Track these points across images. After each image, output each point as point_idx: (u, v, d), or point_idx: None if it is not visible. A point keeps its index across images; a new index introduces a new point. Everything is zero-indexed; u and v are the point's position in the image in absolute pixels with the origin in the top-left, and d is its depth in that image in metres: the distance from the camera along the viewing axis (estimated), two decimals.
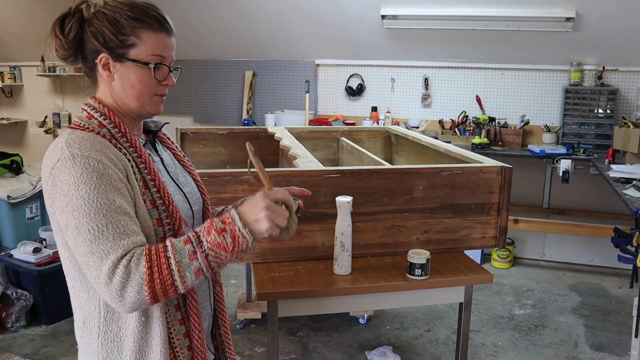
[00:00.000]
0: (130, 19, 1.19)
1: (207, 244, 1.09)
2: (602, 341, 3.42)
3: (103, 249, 1.06)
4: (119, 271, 1.05)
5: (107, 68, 1.20)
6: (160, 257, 1.07)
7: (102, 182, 1.10)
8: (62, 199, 1.10)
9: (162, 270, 1.07)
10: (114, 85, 1.22)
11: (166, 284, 1.07)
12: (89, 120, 1.21)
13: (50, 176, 1.12)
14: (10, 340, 3.33)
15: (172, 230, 1.21)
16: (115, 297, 1.06)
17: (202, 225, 1.13)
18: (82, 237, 1.08)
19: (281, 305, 1.92)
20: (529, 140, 4.67)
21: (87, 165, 1.10)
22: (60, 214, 1.11)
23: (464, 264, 2.13)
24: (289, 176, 2.06)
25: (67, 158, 1.10)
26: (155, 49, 1.21)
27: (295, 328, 3.51)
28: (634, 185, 3.20)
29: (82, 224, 1.08)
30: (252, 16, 4.79)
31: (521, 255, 4.89)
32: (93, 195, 1.08)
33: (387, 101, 5.04)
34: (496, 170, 2.22)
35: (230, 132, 3.31)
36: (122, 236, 1.08)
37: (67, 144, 1.12)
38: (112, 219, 1.09)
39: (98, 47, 1.19)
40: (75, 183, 1.09)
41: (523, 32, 4.27)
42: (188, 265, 1.08)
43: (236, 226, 1.11)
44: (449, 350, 3.28)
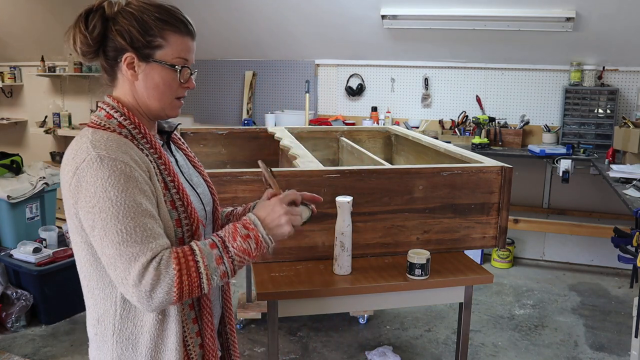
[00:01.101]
0: (158, 21, 1.20)
1: (233, 250, 1.15)
2: (602, 341, 3.42)
3: (132, 251, 1.08)
4: (149, 273, 1.08)
5: (131, 67, 1.20)
6: (189, 260, 1.11)
7: (129, 185, 1.11)
8: (87, 200, 1.10)
9: (191, 273, 1.10)
10: (137, 85, 1.22)
11: (194, 285, 1.11)
12: (108, 119, 1.21)
13: (75, 176, 1.12)
14: (10, 340, 3.33)
15: (190, 231, 1.22)
16: (143, 298, 1.08)
17: (224, 229, 1.18)
18: (110, 239, 1.09)
19: (281, 305, 1.92)
20: (529, 140, 4.67)
21: (114, 167, 1.10)
22: (85, 214, 1.11)
23: (464, 264, 2.13)
24: (289, 176, 2.06)
25: (93, 159, 1.11)
26: (181, 52, 1.24)
27: (295, 328, 3.51)
28: (634, 185, 3.20)
29: (110, 226, 1.09)
30: (252, 16, 4.79)
31: (521, 255, 4.89)
32: (121, 197, 1.09)
33: (387, 101, 5.04)
34: (496, 170, 2.22)
35: (230, 132, 3.31)
36: (149, 239, 1.10)
37: (93, 145, 1.13)
38: (140, 222, 1.10)
39: (124, 46, 1.19)
40: (102, 185, 1.09)
41: (523, 32, 4.27)
42: (215, 269, 1.13)
43: (259, 232, 1.17)
44: (449, 350, 3.28)
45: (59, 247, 3.70)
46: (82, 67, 5.55)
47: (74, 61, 5.54)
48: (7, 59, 6.24)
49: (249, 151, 3.34)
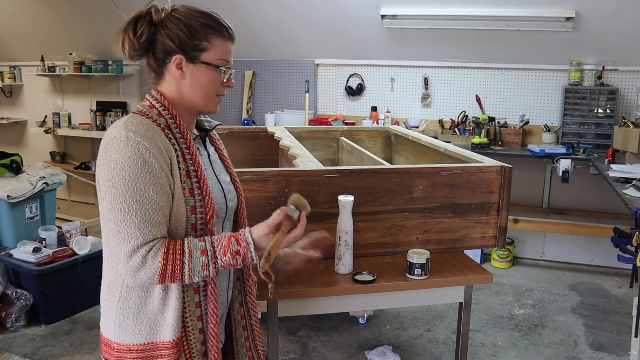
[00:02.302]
0: (204, 26, 1.33)
1: (220, 262, 1.28)
2: (602, 341, 3.42)
3: (127, 231, 1.22)
4: (137, 258, 1.22)
5: (180, 68, 1.33)
6: (177, 258, 1.24)
7: (144, 170, 1.23)
8: (107, 173, 1.24)
9: (175, 269, 1.24)
10: (184, 84, 1.35)
11: (176, 279, 1.25)
12: (150, 109, 1.34)
13: (104, 149, 1.26)
14: (10, 340, 3.33)
15: (204, 219, 1.33)
16: (129, 275, 1.24)
17: (220, 239, 1.29)
18: (114, 214, 1.23)
19: (281, 305, 1.93)
20: (529, 140, 4.67)
21: (136, 149, 1.23)
22: (103, 185, 1.25)
23: (464, 264, 2.13)
24: (289, 176, 2.06)
25: (122, 138, 1.24)
26: (223, 55, 1.36)
27: (295, 328, 3.51)
28: (634, 185, 3.20)
29: (117, 203, 1.22)
30: (252, 16, 4.79)
31: (521, 255, 4.89)
32: (134, 180, 1.22)
33: (387, 101, 5.04)
34: (496, 170, 2.22)
35: (230, 132, 3.31)
36: (147, 224, 1.23)
37: (126, 126, 1.26)
38: (142, 207, 1.23)
39: (173, 49, 1.32)
40: (122, 163, 1.22)
41: (523, 32, 4.27)
42: (200, 272, 1.27)
43: (250, 253, 1.29)
44: (449, 350, 3.28)
45: (59, 247, 3.70)
46: (82, 67, 5.55)
47: (74, 61, 5.54)
48: (7, 59, 6.24)
49: (249, 151, 3.34)
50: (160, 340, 1.30)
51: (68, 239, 3.74)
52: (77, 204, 6.10)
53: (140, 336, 1.31)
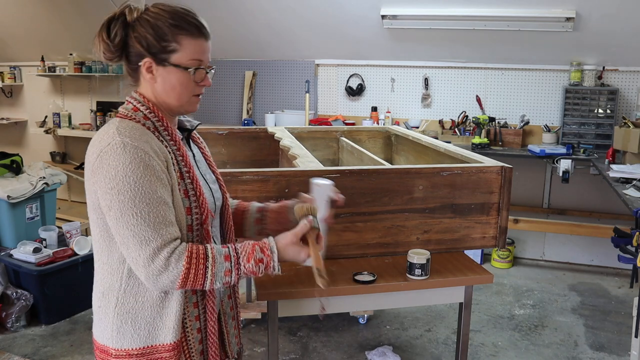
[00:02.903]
0: (171, 27, 1.29)
1: (243, 269, 1.28)
2: (602, 341, 3.42)
3: (144, 235, 1.20)
4: (159, 260, 1.20)
5: (150, 71, 1.30)
6: (200, 263, 1.23)
7: (147, 173, 1.21)
8: (107, 181, 1.20)
9: (198, 275, 1.23)
10: (156, 87, 1.32)
11: (197, 284, 1.24)
12: (135, 112, 1.31)
13: (98, 157, 1.22)
14: (10, 340, 3.33)
15: (199, 220, 1.32)
16: (150, 279, 1.22)
17: (243, 246, 1.30)
18: (125, 221, 1.20)
19: (281, 305, 1.92)
20: (529, 140, 4.67)
21: (135, 154, 1.21)
22: (103, 194, 1.22)
23: (464, 264, 2.13)
24: (289, 176, 2.06)
25: (117, 144, 1.21)
26: (194, 54, 1.31)
27: (295, 328, 3.51)
28: (634, 185, 3.20)
29: (127, 208, 1.20)
30: (252, 16, 4.79)
31: (521, 255, 4.89)
32: (139, 183, 1.20)
33: (387, 101, 5.04)
34: (496, 170, 2.22)
35: (230, 132, 3.31)
36: (161, 225, 1.21)
37: (119, 132, 1.23)
38: (154, 208, 1.21)
39: (142, 52, 1.29)
40: (123, 170, 1.20)
41: (523, 32, 4.27)
42: (222, 278, 1.26)
43: (273, 261, 1.30)
44: (449, 350, 3.28)
45: (59, 247, 3.70)
46: (82, 67, 5.55)
47: (74, 61, 5.54)
48: (7, 59, 6.24)
49: (249, 151, 3.34)
50: (160, 343, 1.29)
51: (68, 239, 3.74)
52: (77, 204, 6.09)
53: (139, 340, 1.29)
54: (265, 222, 1.58)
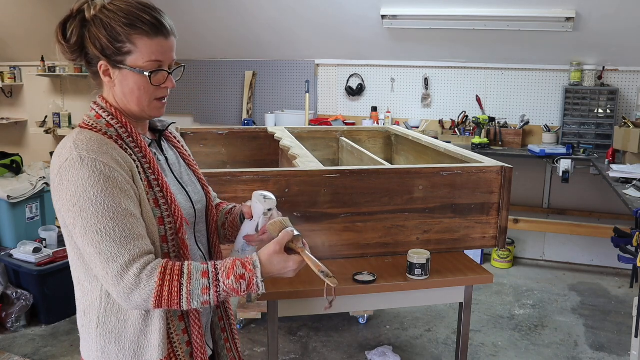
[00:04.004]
0: (125, 26, 1.18)
1: (222, 286, 1.16)
2: (602, 341, 3.42)
3: (110, 251, 1.12)
4: (129, 277, 1.12)
5: (107, 74, 1.22)
6: (174, 279, 1.14)
7: (108, 185, 1.13)
8: (68, 198, 1.14)
9: (172, 292, 1.13)
10: (116, 91, 1.24)
11: (173, 302, 1.14)
12: (97, 119, 1.24)
13: (58, 175, 1.15)
14: (10, 340, 3.33)
15: (174, 229, 1.24)
16: (122, 297, 1.14)
17: (224, 262, 1.18)
18: (90, 238, 1.13)
19: (281, 305, 1.93)
20: (529, 140, 4.67)
21: (94, 167, 1.13)
22: (66, 212, 1.15)
23: (464, 264, 2.13)
24: (289, 176, 2.06)
25: (75, 159, 1.14)
26: (152, 55, 1.20)
27: (295, 328, 3.51)
28: (634, 185, 3.20)
29: (90, 225, 1.12)
30: (252, 16, 4.78)
31: (521, 255, 4.89)
32: (100, 197, 1.13)
33: (387, 101, 5.04)
34: (496, 170, 2.22)
35: (230, 132, 3.31)
36: (128, 239, 1.13)
37: (75, 145, 1.16)
38: (119, 222, 1.13)
39: (97, 54, 1.21)
40: (82, 185, 1.12)
41: (523, 32, 4.27)
42: (199, 296, 1.15)
43: (255, 277, 1.17)
44: (449, 350, 3.28)
45: (59, 247, 3.70)
46: (82, 67, 5.55)
47: None
48: (7, 59, 6.24)
49: (249, 151, 3.34)
50: None
51: None
52: None
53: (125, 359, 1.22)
54: (225, 227, 1.47)
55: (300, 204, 2.07)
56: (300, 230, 1.28)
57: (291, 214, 2.07)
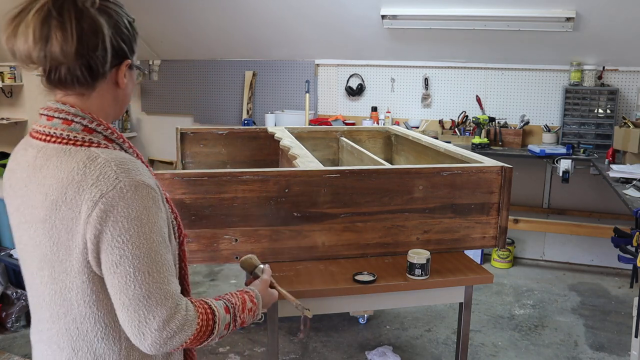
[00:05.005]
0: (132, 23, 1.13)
1: (239, 320, 1.18)
2: (602, 341, 3.42)
3: (160, 294, 1.01)
4: (177, 322, 1.03)
5: (122, 76, 1.11)
6: (210, 320, 1.09)
7: (158, 218, 1.03)
8: (119, 233, 0.99)
9: (206, 333, 1.09)
10: (118, 94, 1.13)
11: (199, 342, 1.10)
12: (90, 134, 1.06)
13: (99, 205, 0.98)
14: (10, 340, 3.33)
15: (178, 244, 1.18)
16: (159, 343, 1.02)
17: (235, 296, 1.20)
18: (139, 279, 1.00)
19: (281, 305, 1.93)
20: (529, 140, 4.67)
21: (147, 196, 1.02)
22: (111, 249, 0.99)
23: (464, 264, 2.13)
24: (289, 176, 2.06)
25: (127, 187, 0.99)
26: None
27: (295, 328, 3.51)
28: (634, 185, 3.20)
29: (142, 265, 1.00)
30: (252, 16, 4.78)
31: (521, 255, 4.89)
32: (153, 233, 1.02)
33: (387, 101, 5.04)
34: (496, 170, 2.22)
35: (230, 132, 3.31)
36: (171, 279, 1.04)
37: (121, 169, 1.01)
38: (166, 260, 1.04)
39: (125, 51, 1.11)
40: (138, 218, 1.00)
41: (523, 32, 4.27)
42: (221, 332, 1.13)
43: (259, 309, 1.25)
44: (449, 350, 3.28)
45: None
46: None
47: None
48: (7, 59, 6.23)
49: (249, 151, 3.34)
50: None
51: None
52: None
53: None
54: None
55: (300, 204, 2.07)
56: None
57: (291, 213, 2.07)
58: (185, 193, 1.98)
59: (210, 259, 2.06)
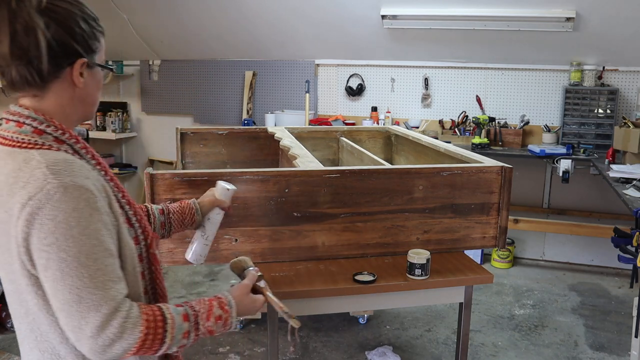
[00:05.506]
0: (95, 21, 1.12)
1: (202, 329, 1.13)
2: (602, 341, 3.42)
3: (92, 299, 0.98)
4: (112, 329, 0.99)
5: (79, 75, 1.09)
6: (158, 327, 1.05)
7: (93, 219, 1.00)
8: (45, 236, 0.97)
9: (155, 341, 1.05)
10: (77, 93, 1.10)
11: (151, 351, 1.06)
12: (40, 135, 1.04)
13: (26, 208, 0.97)
14: (10, 340, 3.33)
15: (145, 246, 1.16)
16: (96, 352, 1.00)
17: (200, 303, 1.15)
18: (67, 283, 0.97)
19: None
20: (529, 140, 4.67)
21: (79, 198, 0.98)
22: (38, 252, 0.98)
23: (464, 264, 2.13)
24: (289, 176, 2.06)
25: (55, 189, 0.97)
26: (104, 54, 1.18)
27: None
28: (634, 185, 3.20)
29: (71, 269, 0.97)
30: (252, 16, 4.78)
31: (521, 255, 4.89)
32: (84, 236, 0.98)
33: (387, 101, 5.04)
34: (496, 170, 2.22)
35: (230, 132, 3.31)
36: (110, 284, 1.00)
37: (51, 170, 0.99)
38: (102, 264, 1.00)
39: (78, 51, 1.09)
40: (65, 221, 0.97)
41: (523, 32, 4.27)
42: (179, 341, 1.09)
43: (231, 317, 1.18)
44: (449, 350, 3.28)
45: None
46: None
47: None
48: None
49: (249, 151, 3.34)
50: None
51: None
52: None
53: None
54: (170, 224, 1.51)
55: (300, 204, 2.07)
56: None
57: (291, 213, 2.07)
58: (185, 193, 1.98)
59: (210, 259, 2.06)
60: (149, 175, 1.95)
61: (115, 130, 5.55)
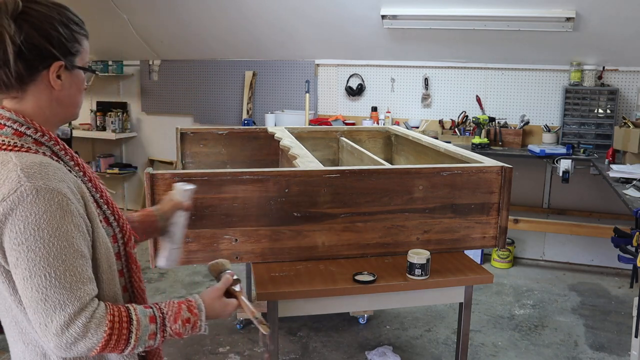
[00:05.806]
0: (77, 24, 1.14)
1: (169, 330, 1.14)
2: (602, 341, 3.42)
3: (58, 298, 1.02)
4: (76, 327, 1.02)
5: (57, 77, 1.11)
6: (123, 327, 1.07)
7: (64, 222, 1.03)
8: (15, 236, 1.01)
9: (120, 341, 1.07)
10: (57, 95, 1.12)
11: (117, 350, 1.08)
12: (20, 137, 1.08)
13: (3, 211, 1.01)
14: None
15: (124, 244, 1.19)
16: (61, 348, 1.04)
17: (168, 305, 1.17)
18: (35, 282, 1.01)
19: (281, 305, 1.92)
20: (529, 140, 4.67)
21: (51, 201, 1.01)
22: (9, 251, 1.02)
23: (464, 264, 2.13)
24: (289, 176, 2.06)
25: (28, 191, 1.01)
26: (87, 56, 1.19)
27: (295, 328, 3.51)
28: (634, 185, 3.20)
29: (38, 268, 1.01)
30: (252, 16, 4.78)
31: (521, 255, 4.89)
32: (54, 237, 1.02)
33: (387, 101, 5.04)
34: (496, 170, 2.22)
35: (230, 132, 3.31)
36: (78, 285, 1.03)
37: (25, 173, 1.02)
38: (70, 265, 1.03)
39: (54, 54, 1.10)
40: (35, 222, 1.00)
41: (523, 32, 4.27)
42: (145, 342, 1.11)
43: (200, 320, 1.19)
44: (449, 350, 3.28)
45: None
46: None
47: None
48: None
49: (249, 151, 3.34)
50: None
51: None
52: None
53: None
54: None
55: (300, 204, 2.07)
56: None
57: (291, 214, 2.07)
58: None
59: (210, 259, 2.04)
60: (149, 175, 1.95)
61: (115, 130, 5.56)
